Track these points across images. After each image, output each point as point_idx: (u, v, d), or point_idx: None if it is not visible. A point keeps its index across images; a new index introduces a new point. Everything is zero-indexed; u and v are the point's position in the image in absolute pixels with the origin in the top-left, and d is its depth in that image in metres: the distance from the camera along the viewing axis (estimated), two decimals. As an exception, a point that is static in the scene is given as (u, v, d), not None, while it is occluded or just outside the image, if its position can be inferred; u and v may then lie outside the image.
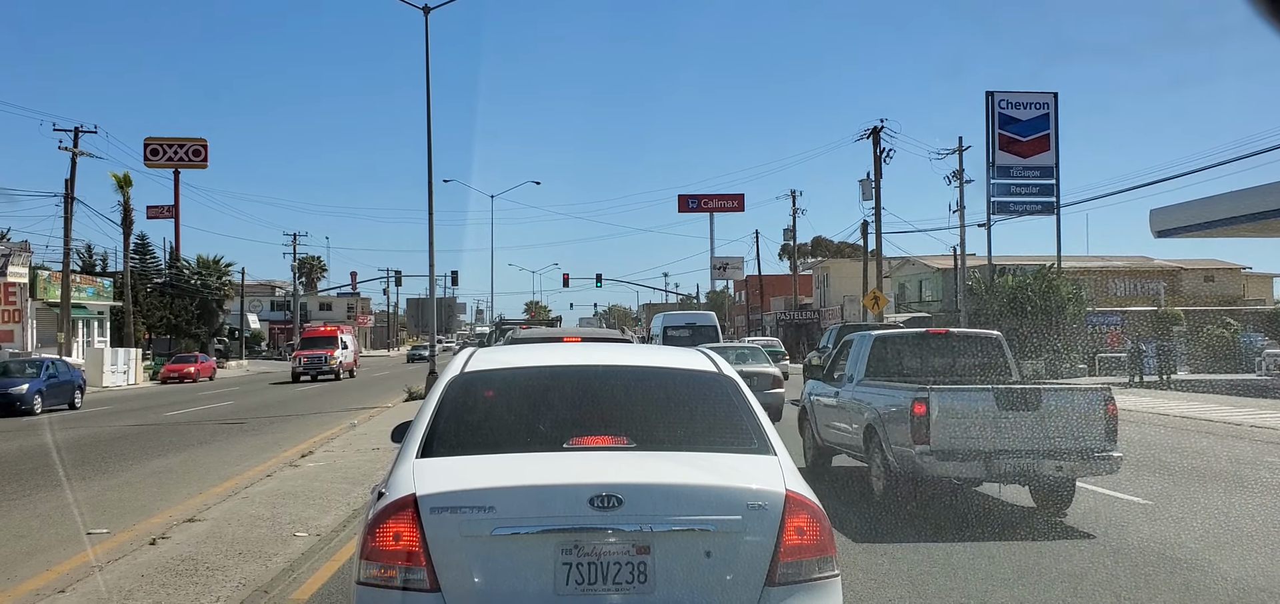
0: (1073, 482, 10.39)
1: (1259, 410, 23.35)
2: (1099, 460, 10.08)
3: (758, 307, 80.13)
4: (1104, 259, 61.12)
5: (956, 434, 9.98)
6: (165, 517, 10.46)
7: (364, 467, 13.80)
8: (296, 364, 47.81)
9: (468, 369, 5.16)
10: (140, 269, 64.09)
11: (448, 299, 57.97)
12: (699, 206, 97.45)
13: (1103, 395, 10.40)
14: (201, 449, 18.09)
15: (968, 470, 10.03)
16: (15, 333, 45.30)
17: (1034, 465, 9.94)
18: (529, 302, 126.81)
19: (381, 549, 4.02)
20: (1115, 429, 10.24)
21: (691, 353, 5.69)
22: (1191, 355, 43.51)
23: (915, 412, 10.08)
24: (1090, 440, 10.07)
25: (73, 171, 47.17)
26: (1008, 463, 9.93)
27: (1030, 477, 10.21)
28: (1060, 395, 10.48)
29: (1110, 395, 10.45)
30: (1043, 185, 46.66)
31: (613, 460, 4.34)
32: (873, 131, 50.04)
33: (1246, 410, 23.52)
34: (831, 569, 4.19)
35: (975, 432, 9.98)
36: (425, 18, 31.30)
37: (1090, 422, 10.17)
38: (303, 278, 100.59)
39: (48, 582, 7.67)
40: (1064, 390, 11.00)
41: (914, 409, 10.09)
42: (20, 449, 18.48)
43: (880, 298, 48.89)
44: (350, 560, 7.47)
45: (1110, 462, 10.12)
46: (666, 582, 4.00)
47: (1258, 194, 25.46)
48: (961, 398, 10.28)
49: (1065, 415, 10.17)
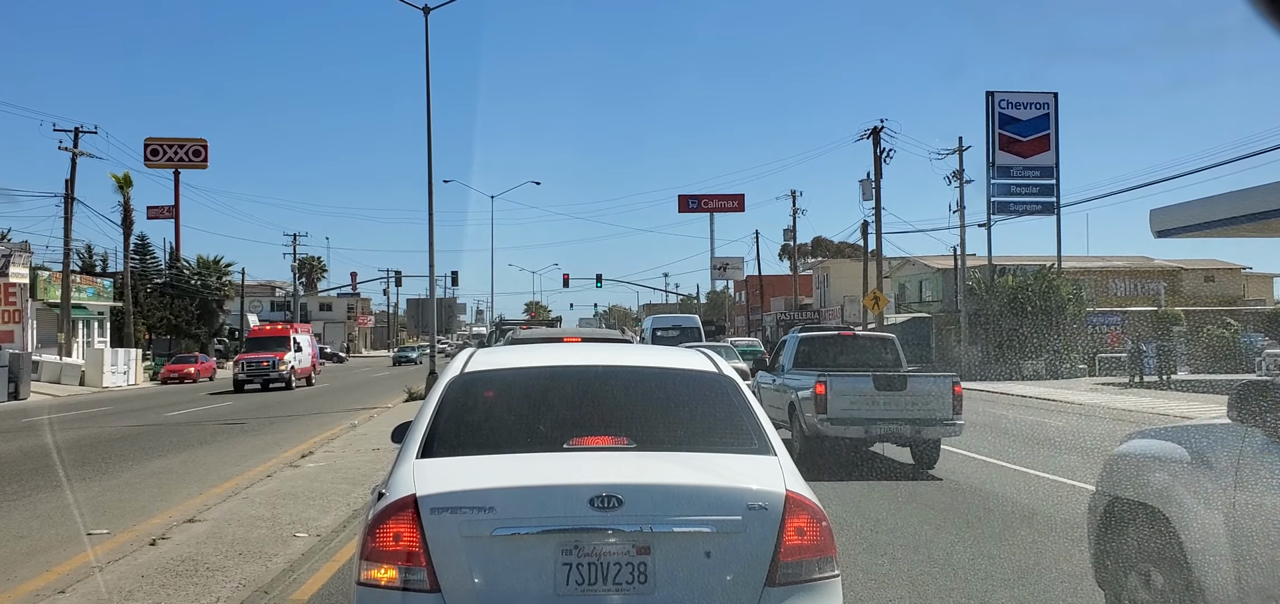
0: (934, 443, 13.81)
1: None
2: (947, 426, 13.59)
3: (758, 307, 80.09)
4: (1104, 259, 61.09)
5: (846, 407, 13.53)
6: (165, 517, 10.47)
7: (364, 467, 13.80)
8: (239, 370, 40.76)
9: (468, 369, 5.17)
10: (140, 269, 64.09)
11: (448, 299, 57.89)
12: (699, 207, 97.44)
13: (951, 379, 13.96)
14: (202, 449, 18.09)
15: (853, 433, 13.65)
16: (15, 333, 45.27)
17: (900, 430, 13.48)
18: (529, 302, 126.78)
19: (382, 549, 4.02)
20: (960, 405, 13.68)
21: (691, 353, 5.69)
22: (1192, 356, 43.50)
23: (817, 392, 13.63)
24: (941, 413, 13.51)
25: (73, 172, 47.28)
26: (882, 428, 13.53)
27: (898, 438, 13.68)
28: (920, 380, 13.86)
29: (957, 379, 14.15)
30: (1043, 185, 46.68)
31: (613, 461, 4.34)
32: (873, 132, 50.03)
33: (1247, 410, 23.45)
34: (832, 570, 4.19)
35: (859, 406, 13.53)
36: (425, 18, 31.33)
37: (941, 399, 13.56)
38: (303, 278, 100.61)
39: (48, 582, 7.67)
40: (923, 376, 14.36)
41: (816, 389, 13.66)
42: (20, 449, 18.48)
43: (880, 298, 48.88)
44: (350, 561, 7.47)
45: (955, 428, 13.58)
46: (667, 582, 4.00)
47: (1258, 194, 25.42)
48: (849, 381, 13.82)
49: (924, 394, 13.57)
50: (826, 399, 13.55)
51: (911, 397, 13.52)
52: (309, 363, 44.71)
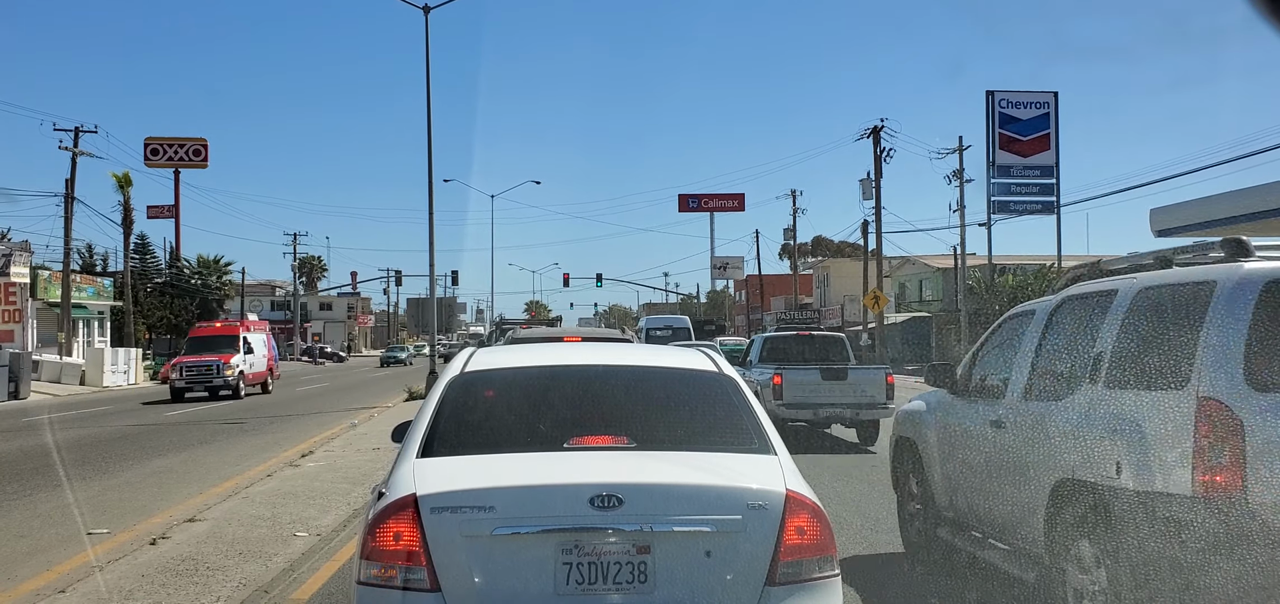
0: (874, 423, 16.92)
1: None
2: (882, 409, 16.52)
3: (758, 306, 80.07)
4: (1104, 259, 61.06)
5: (798, 394, 16.78)
6: (165, 517, 10.46)
7: (364, 466, 13.80)
8: (176, 375, 34.49)
9: (468, 369, 5.17)
10: (140, 269, 64.04)
11: (448, 299, 57.89)
12: (699, 206, 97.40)
13: (884, 371, 17.34)
14: (202, 449, 18.09)
15: (804, 415, 16.91)
16: (15, 333, 45.25)
17: (843, 413, 16.83)
18: (529, 301, 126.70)
19: (382, 549, 4.02)
20: (892, 392, 16.59)
21: (692, 352, 5.69)
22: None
23: (774, 382, 16.69)
24: (877, 398, 16.70)
25: (73, 171, 47.20)
26: (828, 411, 16.86)
27: (842, 419, 17.01)
28: (858, 371, 17.30)
29: (889, 370, 17.51)
30: (1043, 185, 46.63)
31: (613, 460, 4.34)
32: (873, 131, 50.01)
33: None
34: (832, 569, 4.19)
35: (809, 393, 16.82)
36: (425, 18, 31.34)
37: (877, 387, 16.76)
38: (303, 278, 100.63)
39: (48, 582, 7.67)
40: (861, 368, 17.90)
41: (774, 380, 16.76)
42: (20, 449, 18.48)
43: (880, 297, 48.89)
44: (351, 560, 7.47)
45: (888, 411, 15.70)
46: (667, 582, 4.00)
47: (1257, 194, 25.39)
48: (801, 373, 17.16)
49: (862, 383, 16.81)
50: (783, 388, 16.63)
51: (852, 385, 16.67)
52: (264, 366, 38.42)
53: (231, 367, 34.62)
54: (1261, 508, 4.83)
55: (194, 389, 34.10)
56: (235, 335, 36.54)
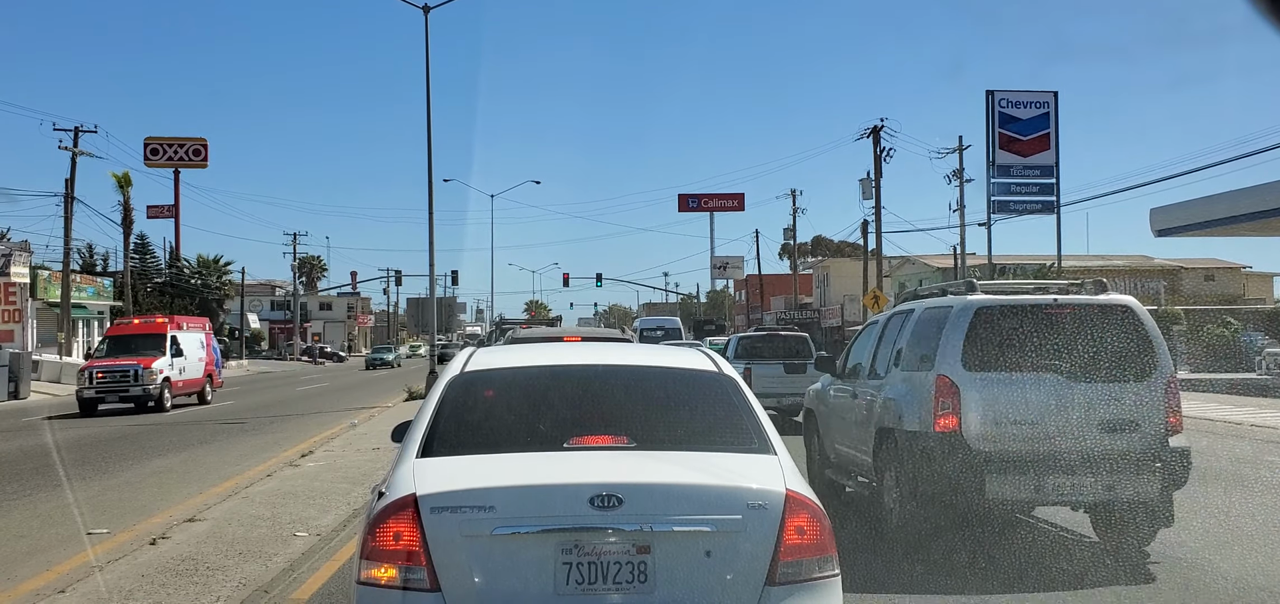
0: None
1: (1259, 409, 23.36)
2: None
3: (758, 306, 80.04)
4: (1104, 258, 61.06)
5: (763, 387, 19.05)
6: (165, 517, 10.46)
7: (364, 466, 13.80)
8: (83, 383, 28.39)
9: (468, 369, 5.16)
10: (140, 269, 64.10)
11: (448, 299, 57.88)
12: (699, 206, 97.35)
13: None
14: (201, 449, 18.10)
15: (769, 404, 17.47)
16: (15, 333, 45.26)
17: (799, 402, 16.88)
18: (529, 301, 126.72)
19: (382, 549, 4.02)
20: None
21: (692, 352, 5.69)
22: (1191, 354, 43.48)
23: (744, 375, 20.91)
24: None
25: (73, 171, 47.19)
26: (789, 400, 19.05)
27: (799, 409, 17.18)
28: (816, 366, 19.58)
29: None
30: (1043, 184, 46.59)
31: (613, 460, 4.34)
32: (873, 131, 50.01)
33: (1246, 409, 23.53)
34: (832, 569, 4.19)
35: (772, 385, 19.89)
36: (425, 18, 31.34)
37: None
38: (303, 278, 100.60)
39: (48, 582, 7.67)
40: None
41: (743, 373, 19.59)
42: (20, 449, 18.48)
43: (880, 297, 48.83)
44: (350, 560, 7.46)
45: None
46: (667, 581, 4.00)
47: (1257, 193, 25.46)
48: (767, 367, 20.71)
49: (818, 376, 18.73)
50: (751, 380, 18.18)
51: (810, 378, 17.37)
52: (200, 372, 31.27)
53: (153, 372, 28.28)
54: (971, 438, 8.23)
55: (107, 399, 28.24)
56: (161, 334, 29.92)
